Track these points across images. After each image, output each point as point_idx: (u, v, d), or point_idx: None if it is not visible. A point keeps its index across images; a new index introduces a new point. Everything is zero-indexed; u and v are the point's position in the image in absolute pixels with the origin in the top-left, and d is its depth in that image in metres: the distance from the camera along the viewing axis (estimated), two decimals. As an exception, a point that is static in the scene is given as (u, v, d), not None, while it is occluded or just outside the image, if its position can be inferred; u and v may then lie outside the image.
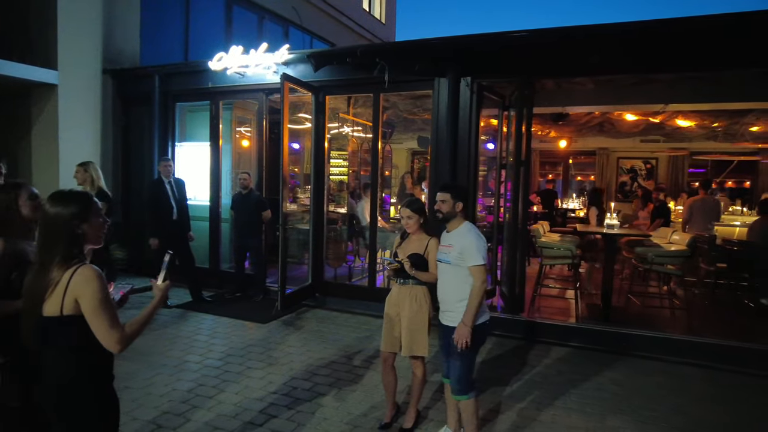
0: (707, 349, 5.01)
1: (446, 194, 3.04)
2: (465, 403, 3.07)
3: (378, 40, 16.54)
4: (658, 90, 6.26)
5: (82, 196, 2.01)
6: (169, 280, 2.20)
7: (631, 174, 12.69)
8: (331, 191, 9.35)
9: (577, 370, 4.70)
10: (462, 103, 5.73)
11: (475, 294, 2.94)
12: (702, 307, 6.43)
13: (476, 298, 2.93)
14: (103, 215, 2.04)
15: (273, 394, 4.03)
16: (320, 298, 6.66)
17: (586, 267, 8.69)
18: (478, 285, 2.94)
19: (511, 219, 5.98)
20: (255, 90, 7.10)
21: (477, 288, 2.94)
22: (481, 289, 2.94)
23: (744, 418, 3.87)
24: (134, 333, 1.94)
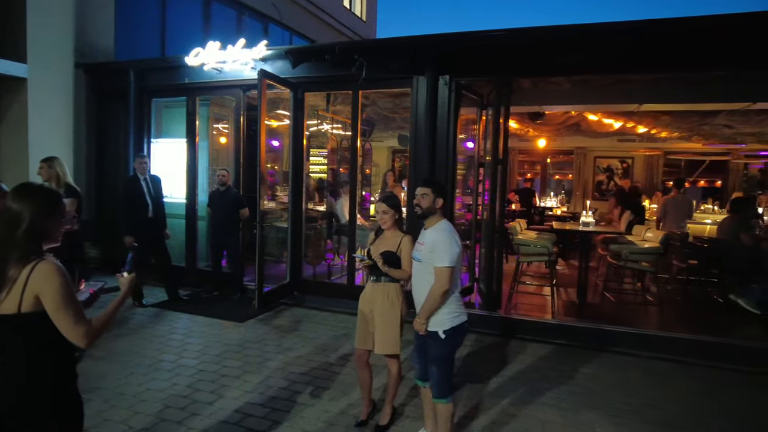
0: (679, 344, 5.13)
1: (427, 188, 2.96)
2: (443, 407, 3.00)
3: (359, 38, 16.51)
4: (632, 90, 6.36)
5: (47, 191, 1.96)
6: (134, 273, 2.16)
7: (608, 173, 12.91)
8: (311, 189, 9.30)
9: (552, 366, 4.76)
10: (440, 102, 5.75)
11: (432, 295, 2.86)
12: (675, 303, 6.58)
13: (432, 299, 2.86)
14: (66, 214, 1.99)
15: (248, 393, 3.99)
16: (299, 296, 6.62)
17: (563, 264, 8.82)
18: (436, 287, 2.84)
19: (489, 217, 6.03)
20: (232, 86, 7.01)
21: (435, 290, 2.85)
22: (439, 291, 2.83)
23: (713, 411, 3.96)
24: (101, 327, 1.91)
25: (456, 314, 2.95)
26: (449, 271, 2.83)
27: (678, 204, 7.59)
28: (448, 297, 2.91)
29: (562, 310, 6.00)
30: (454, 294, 2.95)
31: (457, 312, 2.97)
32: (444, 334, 2.92)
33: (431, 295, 2.87)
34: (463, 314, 3.02)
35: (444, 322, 2.92)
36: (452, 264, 2.83)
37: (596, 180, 12.98)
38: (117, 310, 2.04)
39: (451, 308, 2.94)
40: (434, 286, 2.86)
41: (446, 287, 2.84)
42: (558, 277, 7.03)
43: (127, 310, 6.12)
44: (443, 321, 2.92)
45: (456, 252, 2.86)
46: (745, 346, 5.00)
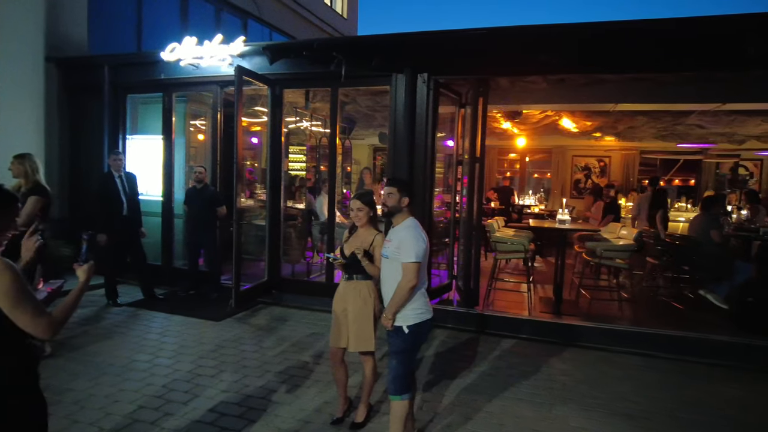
0: (651, 338, 5.24)
1: (393, 188, 3.03)
2: (396, 404, 2.98)
3: (339, 35, 16.44)
4: (608, 90, 6.46)
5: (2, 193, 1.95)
6: (92, 262, 2.14)
7: (585, 171, 13.13)
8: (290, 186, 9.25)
9: (527, 362, 4.83)
10: (419, 100, 5.77)
11: (400, 290, 2.89)
12: (648, 299, 6.73)
13: (400, 294, 2.89)
14: (18, 214, 2.00)
15: (224, 392, 3.96)
16: (277, 294, 6.58)
17: (541, 262, 8.94)
18: (404, 283, 2.87)
19: (467, 214, 6.08)
20: (209, 82, 6.93)
21: (402, 285, 2.88)
22: (406, 286, 2.87)
23: (679, 403, 4.06)
24: (63, 317, 1.88)
25: (421, 311, 2.99)
26: (416, 267, 2.87)
27: (652, 202, 7.75)
28: (416, 293, 2.95)
29: (539, 306, 6.09)
30: (421, 290, 2.99)
31: (423, 309, 3.00)
32: (408, 328, 2.96)
33: (399, 291, 2.90)
34: (428, 312, 3.04)
35: (408, 318, 2.96)
36: (419, 259, 2.87)
37: (574, 178, 13.19)
38: (78, 299, 2.01)
39: (416, 304, 2.97)
40: (402, 281, 2.89)
41: (414, 282, 2.88)
42: (535, 274, 7.13)
43: (101, 310, 6.02)
44: (407, 316, 2.96)
45: (422, 248, 2.91)
46: (711, 339, 5.14)
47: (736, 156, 12.50)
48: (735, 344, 5.08)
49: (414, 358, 3.10)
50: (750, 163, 12.77)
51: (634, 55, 5.18)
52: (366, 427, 3.47)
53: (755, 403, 4.16)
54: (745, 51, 4.87)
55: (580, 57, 5.33)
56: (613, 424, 3.69)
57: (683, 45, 5.06)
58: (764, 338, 5.16)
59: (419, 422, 3.54)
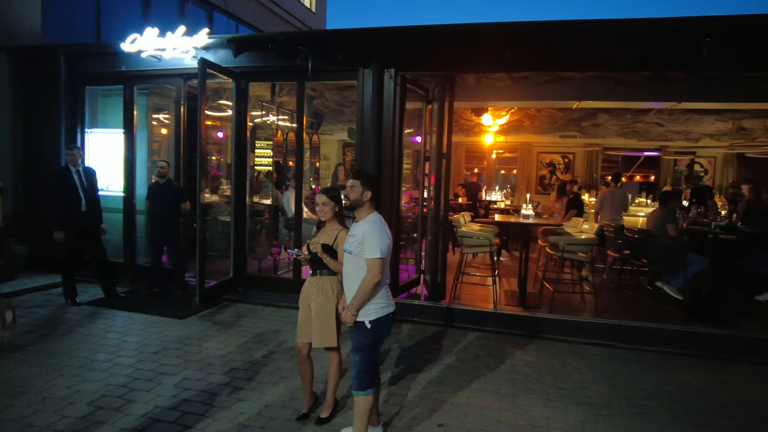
0: (611, 329, 5.42)
1: (356, 181, 2.99)
2: (359, 399, 2.98)
3: (308, 29, 16.27)
4: (571, 88, 6.61)
5: None
6: None
7: (550, 168, 13.41)
8: (257, 182, 9.12)
9: (492, 354, 4.92)
10: (386, 95, 5.77)
11: (364, 286, 2.87)
12: (609, 291, 6.94)
13: (364, 291, 2.87)
14: None
15: (187, 391, 3.89)
16: (243, 292, 6.49)
17: (508, 256, 9.10)
18: (368, 278, 2.86)
19: (434, 210, 6.13)
20: (173, 75, 6.75)
21: (367, 281, 2.86)
22: (370, 282, 2.85)
23: (637, 391, 4.21)
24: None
25: (383, 305, 2.97)
26: (381, 263, 2.85)
27: (614, 197, 7.99)
28: (380, 288, 2.93)
29: (504, 299, 6.20)
30: (384, 285, 2.98)
31: (385, 303, 2.99)
32: (370, 324, 2.94)
33: (363, 287, 2.88)
34: (390, 306, 3.03)
35: (370, 313, 2.95)
36: (383, 255, 2.86)
37: (539, 175, 13.46)
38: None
39: (378, 299, 2.95)
40: (366, 277, 2.87)
41: (378, 279, 2.86)
42: (500, 268, 7.25)
43: (59, 310, 5.82)
44: (369, 311, 2.95)
45: (386, 243, 2.89)
46: (667, 329, 5.35)
47: (692, 153, 13.01)
48: (689, 333, 5.30)
49: (377, 353, 3.09)
50: (705, 160, 13.31)
51: (594, 54, 5.32)
52: (332, 422, 3.47)
53: (707, 387, 4.34)
54: (700, 52, 5.07)
55: (542, 55, 5.43)
56: (575, 412, 3.79)
57: (640, 45, 5.22)
58: (715, 327, 5.41)
59: (385, 416, 3.56)
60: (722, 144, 11.48)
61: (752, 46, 5.08)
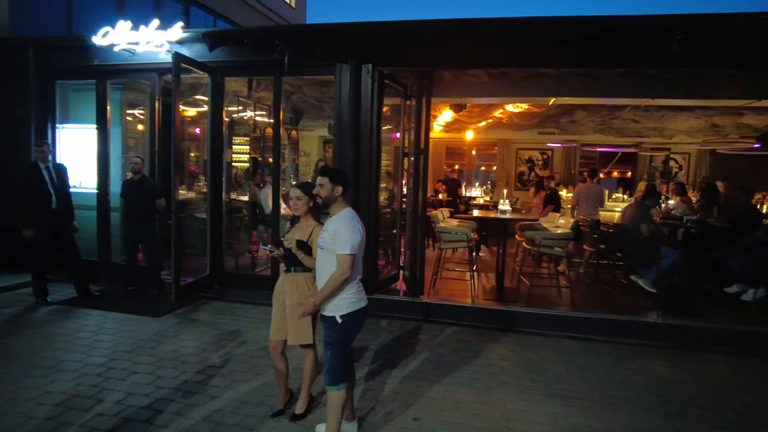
0: (586, 322, 5.50)
1: (324, 178, 2.96)
2: (332, 395, 2.96)
3: (286, 23, 16.14)
4: (547, 84, 6.67)
5: None
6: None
7: (529, 164, 13.55)
8: (237, 178, 9.03)
9: (469, 347, 4.95)
10: (364, 91, 5.76)
11: (332, 281, 2.85)
12: (585, 285, 7.05)
13: (332, 285, 2.85)
14: None
15: (161, 389, 3.84)
16: (220, 289, 6.43)
17: (487, 251, 9.18)
18: (338, 274, 2.84)
19: (412, 206, 6.14)
20: (147, 69, 6.63)
21: (336, 276, 2.85)
22: (340, 278, 2.84)
23: (611, 382, 4.28)
24: None
25: (354, 300, 2.95)
26: (350, 259, 2.84)
27: (590, 192, 8.10)
28: (349, 284, 2.92)
29: (481, 294, 6.25)
30: (355, 280, 2.97)
31: (356, 298, 2.97)
32: (341, 318, 2.93)
33: (331, 281, 2.86)
34: (362, 300, 3.01)
35: (341, 307, 2.93)
36: (353, 252, 2.84)
37: (518, 171, 13.59)
38: None
39: (348, 294, 2.93)
40: (335, 272, 2.85)
41: (347, 275, 2.84)
42: (479, 263, 7.30)
43: (28, 310, 5.69)
44: (340, 306, 2.93)
45: (357, 240, 2.86)
46: (641, 322, 5.46)
47: (667, 149, 13.25)
48: (662, 325, 5.41)
49: (349, 348, 3.05)
50: (679, 156, 13.57)
51: (569, 51, 5.38)
52: (307, 418, 3.45)
53: (677, 378, 4.44)
54: (670, 49, 5.16)
55: (518, 51, 5.47)
56: (549, 404, 3.84)
57: (613, 42, 5.29)
58: (687, 319, 5.53)
59: (360, 411, 3.57)
60: (695, 140, 11.72)
61: (719, 44, 5.18)
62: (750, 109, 7.96)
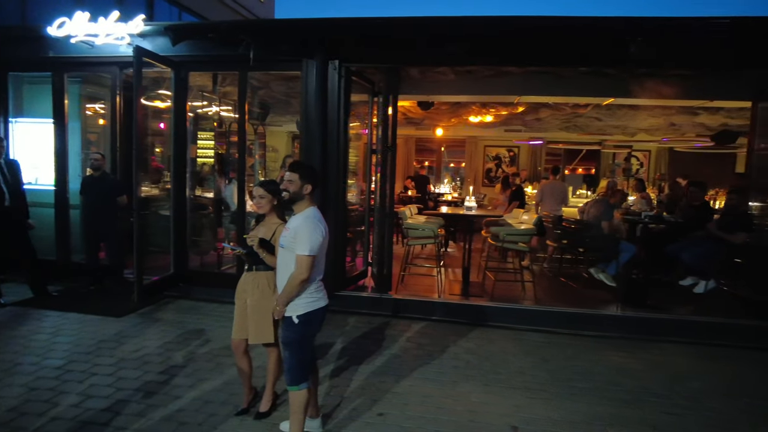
0: (549, 316, 5.65)
1: (294, 174, 2.91)
2: (294, 394, 2.92)
3: (254, 18, 15.90)
4: (512, 82, 6.78)
5: None
6: None
7: (496, 161, 13.77)
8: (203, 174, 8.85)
9: (436, 342, 5.02)
10: (331, 87, 5.74)
11: (291, 281, 2.82)
12: (548, 279, 7.23)
13: (291, 286, 2.82)
14: None
15: (122, 391, 3.76)
16: (185, 287, 6.32)
17: (455, 247, 9.30)
18: (295, 274, 2.80)
19: (380, 202, 6.16)
20: (107, 63, 6.43)
21: (294, 277, 2.81)
22: (298, 278, 2.80)
23: (573, 374, 4.42)
24: None
25: (313, 299, 2.92)
26: (309, 260, 2.79)
27: (554, 189, 8.30)
28: (308, 285, 2.89)
29: (448, 289, 6.34)
30: (315, 281, 2.94)
31: (315, 297, 2.93)
32: (297, 318, 2.89)
33: (290, 282, 2.83)
34: (321, 300, 2.97)
35: (298, 307, 2.89)
36: (313, 253, 2.79)
37: (486, 167, 13.80)
38: None
39: (307, 293, 2.90)
40: (294, 273, 2.82)
41: (305, 275, 2.81)
42: (446, 259, 7.39)
43: (-21, 312, 5.47)
44: (297, 306, 2.89)
45: (318, 240, 2.82)
46: (601, 314, 5.64)
47: (629, 147, 13.68)
48: (621, 317, 5.61)
49: (308, 348, 3.01)
50: (640, 154, 14.03)
51: (533, 50, 5.49)
52: (271, 416, 3.45)
53: (634, 367, 4.61)
54: (629, 50, 5.32)
55: (483, 49, 5.55)
56: (512, 396, 3.94)
57: (576, 41, 5.43)
58: (645, 311, 5.75)
59: (326, 407, 3.58)
60: (655, 138, 12.13)
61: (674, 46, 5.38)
62: (704, 109, 8.28)
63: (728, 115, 8.52)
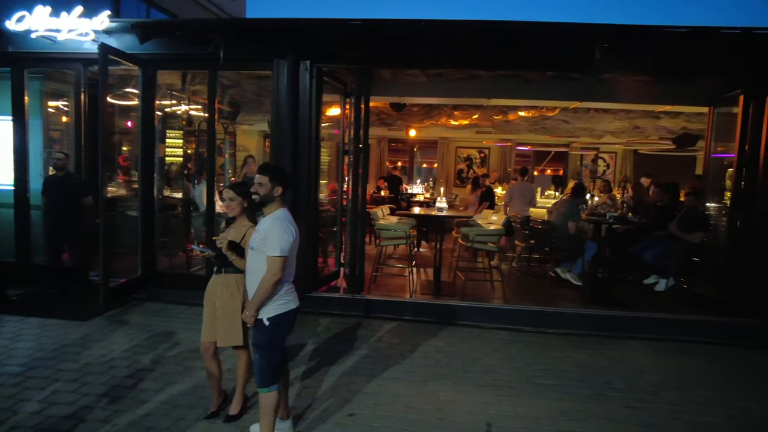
0: (517, 314, 5.77)
1: (264, 177, 2.90)
2: (263, 396, 2.92)
3: (227, 16, 15.68)
4: (482, 86, 6.91)
5: None
6: None
7: (468, 162, 13.95)
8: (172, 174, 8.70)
9: (407, 342, 5.07)
10: (302, 87, 5.72)
11: (263, 284, 2.81)
12: (517, 279, 7.38)
13: (263, 289, 2.81)
14: None
15: (87, 396, 3.68)
16: (153, 289, 6.20)
17: (427, 247, 9.38)
18: (268, 276, 2.80)
19: (352, 203, 6.18)
20: (71, 59, 6.24)
21: (266, 279, 2.80)
22: (270, 280, 2.79)
23: (539, 371, 4.53)
24: None
25: (284, 302, 2.92)
26: (281, 261, 2.80)
27: (522, 190, 8.47)
28: (281, 287, 2.89)
29: (420, 289, 6.40)
30: (287, 282, 2.95)
31: (285, 300, 2.93)
32: (268, 321, 2.88)
33: (262, 285, 2.82)
34: (292, 302, 2.98)
35: (269, 310, 2.89)
36: (284, 254, 2.80)
37: (457, 168, 13.97)
38: None
39: (278, 296, 2.90)
40: (265, 275, 2.81)
41: (278, 276, 2.81)
42: (419, 259, 7.46)
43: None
44: (268, 309, 2.89)
45: (289, 241, 2.82)
46: (567, 312, 5.79)
47: (596, 149, 14.05)
48: (586, 315, 5.77)
49: (278, 350, 3.00)
50: (607, 156, 14.42)
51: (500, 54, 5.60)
52: (242, 419, 3.43)
53: (598, 364, 4.76)
54: (593, 56, 5.49)
55: (452, 53, 5.63)
56: (480, 394, 4.02)
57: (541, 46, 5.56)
58: (609, 308, 5.93)
59: (297, 408, 3.58)
60: (621, 141, 12.50)
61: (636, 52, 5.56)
62: (666, 113, 8.59)
63: (688, 119, 8.86)
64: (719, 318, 5.67)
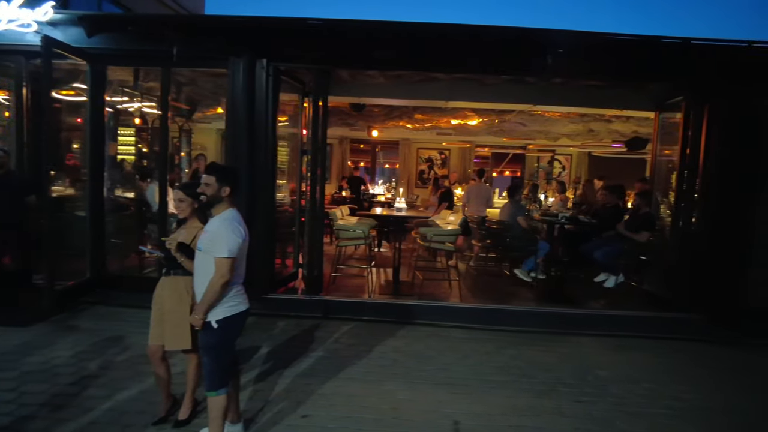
0: (472, 313, 5.88)
1: (211, 177, 2.86)
2: (212, 400, 2.87)
3: (185, 12, 15.27)
4: (440, 88, 7.00)
5: None
6: None
7: (429, 163, 14.12)
8: (123, 173, 8.41)
9: (364, 342, 5.08)
10: (258, 86, 5.65)
11: (212, 286, 2.77)
12: (473, 278, 7.51)
13: (212, 291, 2.77)
14: None
15: (26, 406, 3.51)
16: (104, 292, 5.97)
17: (388, 247, 9.42)
18: (216, 278, 2.76)
19: (310, 203, 6.14)
20: (11, 51, 5.91)
21: (214, 281, 2.76)
22: (218, 282, 2.75)
23: (492, 368, 4.63)
24: None
25: (233, 304, 2.88)
26: (229, 263, 2.76)
27: (479, 191, 8.63)
28: (230, 289, 2.85)
29: (378, 289, 6.43)
30: (237, 285, 2.91)
31: (234, 302, 2.90)
32: (217, 323, 2.84)
33: (210, 287, 2.78)
34: (242, 304, 2.94)
35: (217, 312, 2.85)
36: (232, 255, 2.76)
37: (419, 169, 14.11)
38: None
39: (227, 298, 2.86)
40: (213, 277, 2.77)
41: (226, 278, 2.77)
42: (379, 259, 7.49)
43: None
44: (216, 311, 2.84)
45: (237, 242, 2.79)
46: (521, 310, 5.95)
47: (552, 151, 14.48)
48: (538, 312, 5.94)
49: (228, 353, 2.96)
50: (563, 158, 14.88)
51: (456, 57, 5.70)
52: (191, 423, 3.36)
53: (549, 360, 4.90)
54: (546, 60, 5.65)
55: (408, 55, 5.68)
56: (435, 393, 4.07)
57: (494, 50, 5.68)
58: (561, 306, 6.13)
59: (249, 411, 3.54)
60: (575, 143, 12.93)
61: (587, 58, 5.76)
62: (617, 117, 8.93)
63: (638, 123, 9.25)
64: (665, 314, 5.93)
